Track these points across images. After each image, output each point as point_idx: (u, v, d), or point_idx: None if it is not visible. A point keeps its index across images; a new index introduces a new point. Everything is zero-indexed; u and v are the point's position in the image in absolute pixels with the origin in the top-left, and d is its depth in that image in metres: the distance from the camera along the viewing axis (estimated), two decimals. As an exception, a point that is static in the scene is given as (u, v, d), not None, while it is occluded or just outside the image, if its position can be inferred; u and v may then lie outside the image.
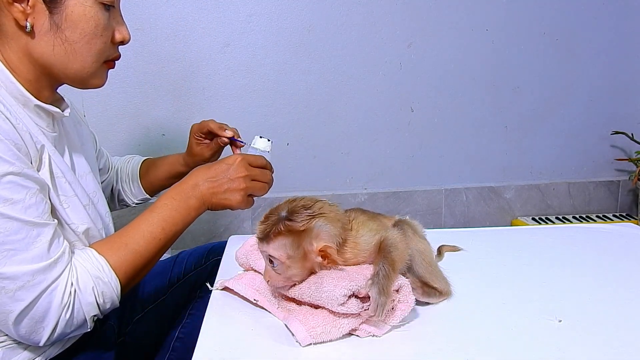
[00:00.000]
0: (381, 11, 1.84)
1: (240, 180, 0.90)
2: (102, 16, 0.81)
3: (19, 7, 0.75)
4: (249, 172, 0.91)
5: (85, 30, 0.79)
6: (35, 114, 0.81)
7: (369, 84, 1.88)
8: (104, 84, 0.88)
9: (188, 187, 0.89)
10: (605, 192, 2.12)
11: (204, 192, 0.89)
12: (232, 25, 1.76)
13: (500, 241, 1.03)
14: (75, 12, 0.78)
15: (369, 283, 0.64)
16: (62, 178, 0.81)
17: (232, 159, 0.91)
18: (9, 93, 0.78)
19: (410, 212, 1.98)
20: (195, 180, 0.89)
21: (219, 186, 0.89)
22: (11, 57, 0.79)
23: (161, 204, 0.87)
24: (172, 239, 0.87)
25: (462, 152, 2.00)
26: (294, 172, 1.90)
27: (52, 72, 0.81)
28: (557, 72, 2.00)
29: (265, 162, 0.96)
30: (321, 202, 0.68)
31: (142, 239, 0.82)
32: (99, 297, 0.76)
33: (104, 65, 0.85)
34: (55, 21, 0.77)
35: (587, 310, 0.73)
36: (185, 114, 1.79)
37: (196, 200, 0.88)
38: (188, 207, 0.88)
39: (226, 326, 0.69)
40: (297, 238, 0.65)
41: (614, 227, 1.08)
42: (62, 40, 0.78)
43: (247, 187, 0.90)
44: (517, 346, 0.64)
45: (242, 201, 0.90)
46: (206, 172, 0.90)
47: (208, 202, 0.89)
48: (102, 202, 0.95)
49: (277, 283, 0.69)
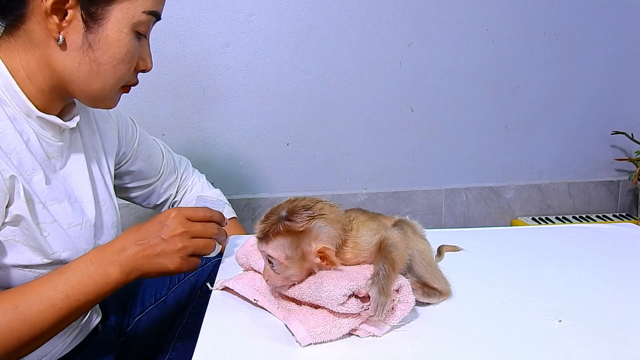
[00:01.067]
0: (381, 11, 1.84)
1: (176, 239, 0.77)
2: (134, 44, 0.81)
3: (56, 20, 0.75)
4: (186, 228, 0.78)
5: (115, 55, 0.79)
6: (39, 124, 0.80)
7: (369, 84, 1.88)
8: (115, 107, 0.88)
9: (112, 250, 0.76)
10: (605, 192, 2.12)
11: (132, 258, 0.76)
12: (232, 25, 1.76)
13: (500, 241, 1.03)
14: (111, 36, 0.78)
15: (369, 283, 0.64)
16: (40, 204, 0.78)
17: (164, 215, 0.79)
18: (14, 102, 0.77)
19: (410, 212, 1.98)
20: (122, 244, 0.77)
21: (151, 248, 0.77)
22: (30, 64, 0.78)
23: (74, 266, 0.75)
24: (77, 311, 0.74)
25: (462, 152, 2.00)
26: (294, 172, 1.90)
27: (69, 87, 0.81)
28: (557, 72, 2.00)
29: (210, 213, 0.83)
30: (321, 202, 0.68)
31: (38, 305, 0.70)
32: None
33: (120, 90, 0.85)
34: (88, 40, 0.77)
35: (587, 310, 0.73)
36: (185, 114, 1.79)
37: (119, 267, 0.75)
38: (106, 275, 0.75)
39: (226, 326, 0.69)
40: (296, 239, 0.65)
41: (614, 227, 1.08)
42: (90, 59, 0.78)
43: (185, 247, 0.78)
44: (517, 346, 0.64)
45: (181, 264, 0.78)
46: (135, 233, 0.78)
47: (139, 268, 0.77)
48: (110, 211, 0.93)
49: (275, 283, 0.69)
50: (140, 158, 1.11)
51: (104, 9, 0.76)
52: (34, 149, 0.80)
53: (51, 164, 0.83)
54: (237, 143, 1.83)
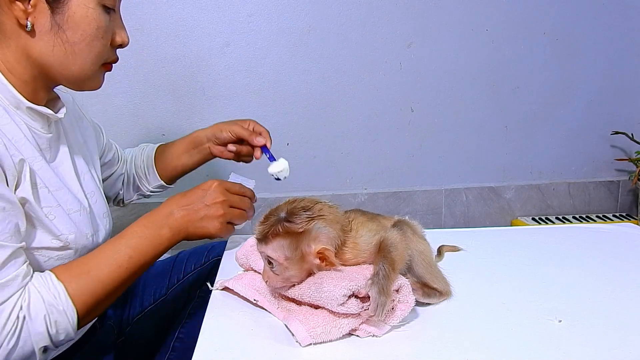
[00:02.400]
0: (381, 11, 1.84)
1: (217, 206, 0.86)
2: (104, 19, 0.81)
3: (20, 6, 0.75)
4: (226, 197, 0.87)
5: (86, 32, 0.79)
6: (28, 115, 0.80)
7: (369, 84, 1.88)
8: (100, 87, 0.88)
9: (161, 215, 0.85)
10: (605, 192, 2.12)
11: (179, 221, 0.84)
12: (232, 25, 1.76)
13: (500, 241, 1.03)
14: (78, 14, 0.78)
15: (369, 283, 0.64)
16: (45, 189, 0.79)
17: (207, 185, 0.88)
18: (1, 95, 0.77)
19: (410, 212, 1.98)
20: (169, 209, 0.85)
21: (195, 213, 0.85)
22: (8, 57, 0.78)
23: (131, 231, 0.83)
24: (140, 269, 0.83)
25: (462, 152, 2.00)
26: (294, 172, 1.88)
27: (50, 73, 0.81)
28: (557, 72, 2.00)
29: (244, 189, 0.93)
30: (321, 203, 0.68)
31: (107, 267, 0.78)
32: (51, 327, 0.71)
33: (101, 68, 0.85)
34: (56, 21, 0.77)
35: (587, 310, 0.73)
36: (185, 114, 1.79)
37: (169, 229, 0.84)
38: (160, 236, 0.83)
39: (226, 326, 0.69)
40: (295, 240, 0.65)
41: (614, 227, 1.08)
42: (62, 40, 0.78)
43: (225, 214, 0.86)
44: (517, 346, 0.64)
45: (220, 228, 0.87)
46: (181, 199, 0.86)
47: (184, 231, 0.85)
48: (99, 202, 0.94)
49: (275, 284, 0.69)
50: (108, 146, 1.14)
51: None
52: (29, 139, 0.80)
53: (43, 155, 0.84)
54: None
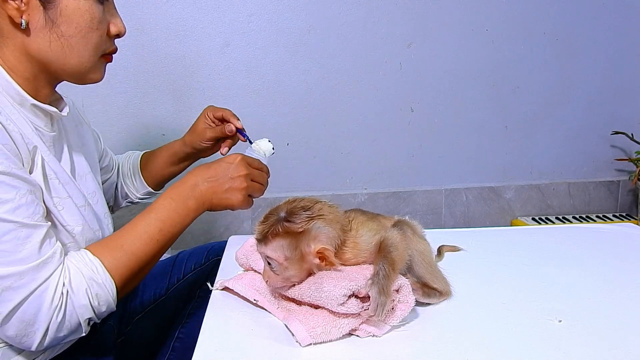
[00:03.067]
0: (381, 11, 1.84)
1: (241, 178, 0.88)
2: (97, 9, 0.80)
3: (13, 4, 0.75)
4: (249, 171, 0.89)
5: (80, 24, 0.79)
6: (32, 113, 0.80)
7: (369, 84, 1.88)
8: (102, 79, 0.88)
9: (187, 187, 0.87)
10: (605, 192, 2.12)
11: (204, 192, 0.87)
12: (232, 25, 1.76)
13: (500, 241, 1.03)
14: (70, 7, 0.78)
15: (369, 283, 0.64)
16: (56, 180, 0.80)
17: (232, 158, 0.90)
18: (6, 92, 0.78)
19: (410, 212, 1.98)
20: (194, 180, 0.87)
21: (220, 185, 0.87)
22: (8, 56, 0.79)
23: (159, 204, 0.85)
24: (170, 240, 0.85)
25: (462, 152, 2.00)
26: (294, 172, 1.90)
27: (50, 69, 0.81)
28: (557, 72, 2.00)
29: (262, 165, 0.95)
30: (320, 203, 0.68)
31: (139, 240, 0.81)
32: (93, 300, 0.74)
33: (101, 59, 0.85)
34: (50, 16, 0.77)
35: (587, 310, 0.73)
36: (185, 114, 1.78)
37: (195, 201, 0.86)
38: (187, 208, 0.86)
39: (226, 326, 0.69)
40: (295, 239, 0.65)
41: (614, 227, 1.08)
42: (58, 35, 0.78)
43: (247, 187, 0.89)
44: (517, 346, 0.64)
45: (243, 201, 0.89)
46: (206, 171, 0.88)
47: (208, 202, 0.88)
48: (101, 203, 0.94)
49: (275, 283, 0.69)
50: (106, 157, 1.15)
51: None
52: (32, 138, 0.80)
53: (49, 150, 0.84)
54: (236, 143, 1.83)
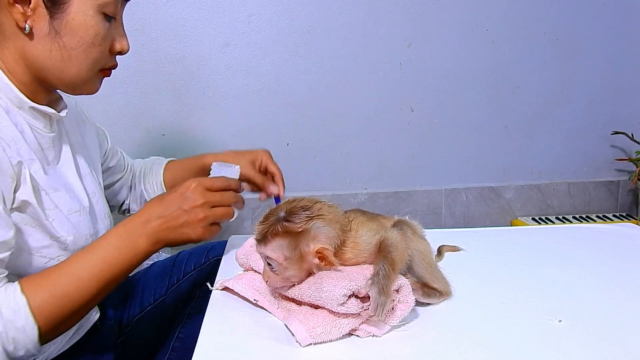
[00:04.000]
0: (381, 11, 1.84)
1: (197, 210, 0.80)
2: (103, 26, 0.80)
3: (20, 9, 0.75)
4: (206, 198, 0.81)
5: (83, 39, 0.79)
6: (31, 115, 0.80)
7: (369, 84, 1.88)
8: (97, 91, 0.87)
9: (138, 223, 0.79)
10: (605, 192, 2.12)
11: (157, 230, 0.79)
12: (232, 25, 1.76)
13: (500, 241, 1.03)
14: (76, 20, 0.77)
15: (369, 283, 0.64)
16: (42, 191, 0.79)
17: (184, 187, 0.82)
18: (4, 95, 0.77)
19: (410, 212, 1.98)
20: (147, 216, 0.80)
21: (174, 220, 0.79)
22: (7, 58, 0.78)
23: (104, 241, 0.78)
24: (113, 282, 0.78)
25: (462, 152, 2.00)
26: (294, 172, 1.90)
27: (46, 77, 0.81)
28: (557, 72, 2.00)
29: (228, 182, 0.86)
30: (320, 203, 0.68)
31: (75, 280, 0.74)
32: (7, 344, 0.68)
33: (98, 74, 0.85)
34: (54, 26, 0.77)
35: (587, 310, 0.73)
36: (185, 114, 1.79)
37: (146, 239, 0.79)
38: (135, 247, 0.78)
39: (226, 326, 0.69)
40: (295, 239, 0.65)
41: (614, 227, 1.08)
42: (59, 45, 0.78)
43: (206, 216, 0.80)
44: (517, 346, 0.64)
45: (203, 233, 0.81)
46: (158, 205, 0.81)
47: (163, 239, 0.80)
48: (101, 203, 0.94)
49: (275, 283, 0.69)
50: (111, 152, 1.13)
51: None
52: (29, 140, 0.80)
53: (45, 155, 0.83)
54: (237, 143, 1.83)
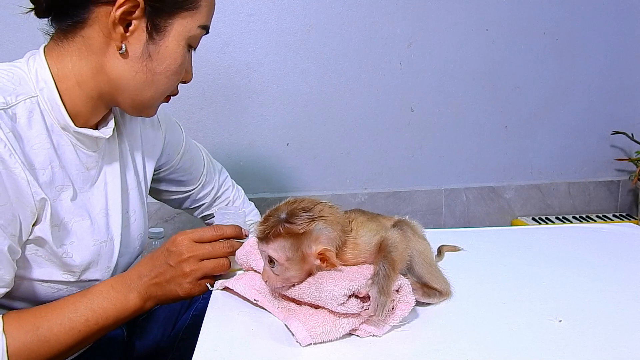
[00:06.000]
0: (381, 11, 1.84)
1: (183, 265, 0.77)
2: (186, 57, 0.83)
3: (121, 30, 0.75)
4: (193, 252, 0.77)
5: (170, 66, 0.80)
6: (75, 136, 0.80)
7: (369, 84, 1.88)
8: (154, 116, 0.90)
9: (132, 278, 0.78)
10: (605, 192, 2.12)
11: (148, 286, 0.78)
12: (232, 25, 1.76)
13: (500, 241, 1.03)
14: (170, 48, 0.79)
15: (369, 283, 0.64)
16: (64, 224, 0.78)
17: (170, 242, 0.79)
18: (53, 114, 0.77)
19: (410, 212, 1.98)
20: (140, 271, 0.79)
21: (161, 276, 0.78)
22: (83, 70, 0.78)
23: (97, 290, 0.77)
24: (97, 333, 0.76)
25: (462, 152, 2.00)
26: (294, 172, 1.90)
27: (120, 96, 0.81)
28: (557, 72, 2.00)
29: (221, 231, 0.81)
30: (321, 204, 0.68)
31: (59, 326, 0.72)
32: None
33: (164, 99, 0.87)
34: (149, 50, 0.78)
35: (587, 310, 0.73)
36: (186, 114, 1.79)
37: (138, 294, 0.77)
38: (126, 300, 0.77)
39: (226, 326, 0.69)
40: (297, 241, 0.65)
41: (614, 227, 1.08)
42: (147, 69, 0.79)
43: (192, 271, 0.77)
44: (517, 346, 0.64)
45: (191, 289, 0.78)
46: (149, 261, 0.80)
47: (153, 296, 0.78)
48: (138, 222, 0.93)
49: (275, 284, 0.69)
50: (182, 168, 1.10)
51: (167, 22, 0.78)
52: (68, 162, 0.79)
53: (89, 175, 0.83)
54: (237, 143, 1.83)
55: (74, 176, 0.81)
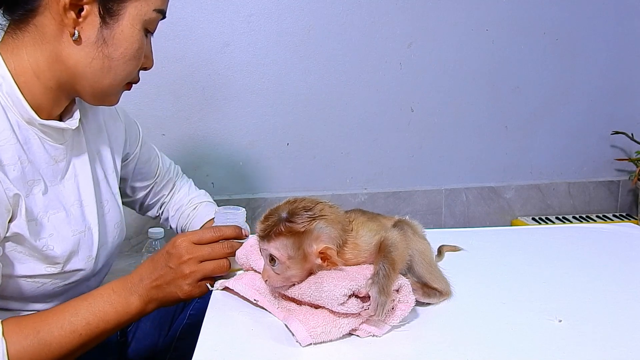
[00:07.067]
0: (381, 11, 1.84)
1: (183, 266, 0.77)
2: (144, 41, 0.82)
3: (73, 15, 0.74)
4: (193, 254, 0.77)
5: (127, 51, 0.79)
6: (41, 129, 0.80)
7: (369, 84, 1.88)
8: (117, 104, 0.88)
9: (133, 281, 0.78)
10: (605, 192, 2.12)
11: (148, 289, 0.77)
12: (232, 25, 1.76)
13: (500, 241, 1.03)
14: (124, 32, 0.78)
15: (369, 282, 0.64)
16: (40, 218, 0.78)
17: (170, 244, 0.79)
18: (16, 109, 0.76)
19: (410, 212, 1.98)
20: (140, 274, 0.78)
21: (161, 278, 0.77)
22: (39, 60, 0.77)
23: (97, 293, 0.76)
24: (98, 337, 0.75)
25: (462, 152, 2.00)
26: (294, 172, 1.90)
27: (78, 84, 0.80)
28: (557, 72, 2.00)
29: (222, 231, 0.81)
30: (322, 203, 0.68)
31: (59, 330, 0.72)
32: None
33: (124, 87, 0.86)
34: (103, 35, 0.77)
35: (587, 310, 0.73)
36: (185, 114, 1.79)
37: (139, 297, 0.77)
38: (127, 304, 0.76)
39: (226, 326, 0.69)
40: (298, 239, 0.65)
41: (614, 227, 1.08)
42: (103, 55, 0.78)
43: (192, 272, 0.77)
44: (517, 346, 0.64)
45: (192, 290, 0.78)
46: (150, 263, 0.79)
47: (155, 299, 0.78)
48: (113, 211, 0.93)
49: (275, 283, 0.69)
50: (141, 160, 1.11)
51: (119, 5, 0.76)
52: (37, 156, 0.79)
53: (58, 168, 0.83)
54: (237, 143, 1.84)
55: (43, 170, 0.80)
